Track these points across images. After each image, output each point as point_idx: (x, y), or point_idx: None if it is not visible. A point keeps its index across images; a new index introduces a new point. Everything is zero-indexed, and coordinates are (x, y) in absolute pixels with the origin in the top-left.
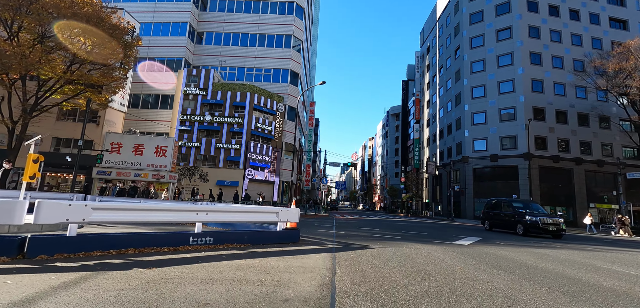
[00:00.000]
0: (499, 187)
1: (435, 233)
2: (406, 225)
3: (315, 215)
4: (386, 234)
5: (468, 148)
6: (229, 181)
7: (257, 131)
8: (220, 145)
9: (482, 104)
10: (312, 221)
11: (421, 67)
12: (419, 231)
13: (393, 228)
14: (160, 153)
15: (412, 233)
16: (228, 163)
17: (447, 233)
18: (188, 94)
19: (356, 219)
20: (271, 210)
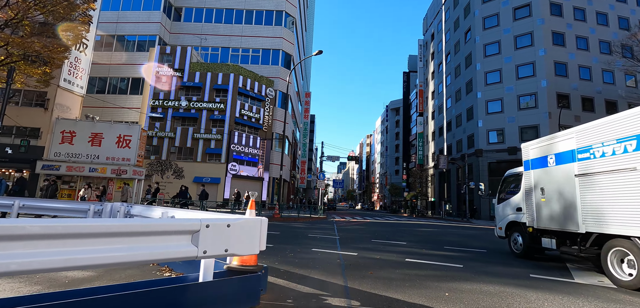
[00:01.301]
0: None
1: (498, 252)
2: (435, 231)
3: (311, 217)
4: (432, 256)
5: (482, 140)
6: (209, 178)
7: (242, 119)
8: (198, 135)
9: (498, 91)
10: (306, 227)
11: (425, 56)
12: (474, 248)
13: (426, 240)
14: (123, 143)
15: (470, 252)
16: (207, 157)
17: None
18: (161, 76)
19: (361, 222)
20: (181, 224)
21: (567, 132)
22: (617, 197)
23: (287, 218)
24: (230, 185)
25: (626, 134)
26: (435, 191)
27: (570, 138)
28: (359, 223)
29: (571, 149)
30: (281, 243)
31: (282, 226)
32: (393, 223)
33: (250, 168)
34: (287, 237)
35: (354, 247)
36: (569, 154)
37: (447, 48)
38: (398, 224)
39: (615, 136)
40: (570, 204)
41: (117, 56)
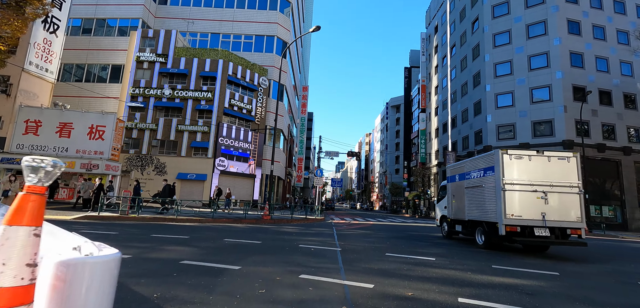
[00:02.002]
0: None
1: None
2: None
3: (306, 218)
4: (492, 286)
5: (491, 136)
6: (194, 174)
7: (232, 110)
8: (183, 127)
9: (509, 84)
10: (299, 232)
11: (428, 50)
12: (539, 268)
13: (457, 252)
14: (96, 134)
15: (542, 276)
16: (193, 151)
17: None
18: (142, 62)
19: (363, 225)
20: None
21: (461, 162)
22: (476, 200)
23: (279, 220)
24: (218, 182)
25: (479, 168)
26: (439, 190)
27: (463, 166)
28: (362, 226)
29: (463, 172)
30: (256, 261)
31: (269, 232)
32: (399, 225)
33: (241, 164)
34: (268, 249)
35: (365, 270)
36: (462, 175)
37: (452, 40)
38: (406, 227)
39: (475, 167)
40: (463, 204)
41: (96, 41)
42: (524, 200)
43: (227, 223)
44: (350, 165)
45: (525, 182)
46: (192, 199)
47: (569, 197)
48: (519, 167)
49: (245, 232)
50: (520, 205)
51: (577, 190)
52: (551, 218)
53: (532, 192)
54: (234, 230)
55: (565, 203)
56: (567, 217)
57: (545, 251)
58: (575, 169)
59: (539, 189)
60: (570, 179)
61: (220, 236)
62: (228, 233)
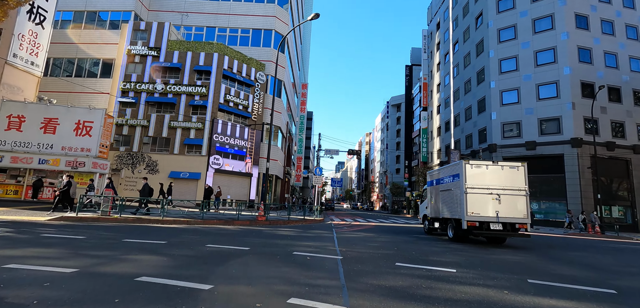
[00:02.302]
0: (539, 182)
1: None
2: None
3: (304, 219)
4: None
5: (496, 134)
6: (188, 173)
7: (227, 106)
8: (175, 123)
9: (514, 80)
10: (295, 235)
11: (429, 47)
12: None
13: (479, 262)
14: (83, 130)
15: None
16: (186, 148)
17: None
18: (133, 55)
19: (365, 227)
20: None
21: (437, 169)
22: (447, 201)
23: (274, 222)
24: (213, 181)
25: (450, 174)
26: None
27: (439, 172)
28: (363, 227)
29: (438, 178)
30: (235, 276)
31: (261, 235)
32: (403, 227)
33: (237, 162)
34: (256, 259)
35: (373, 289)
36: (438, 181)
37: (455, 36)
38: (410, 228)
39: (447, 174)
40: (438, 204)
41: (87, 35)
42: (482, 201)
43: (217, 225)
44: (350, 165)
45: (483, 186)
46: (183, 199)
47: (517, 198)
48: (478, 174)
49: (235, 236)
50: (479, 205)
51: (524, 193)
52: (503, 215)
53: (488, 194)
54: (222, 233)
55: (514, 203)
56: (516, 214)
57: (503, 243)
58: (523, 176)
59: (493, 192)
60: (518, 184)
61: (203, 241)
62: (215, 236)
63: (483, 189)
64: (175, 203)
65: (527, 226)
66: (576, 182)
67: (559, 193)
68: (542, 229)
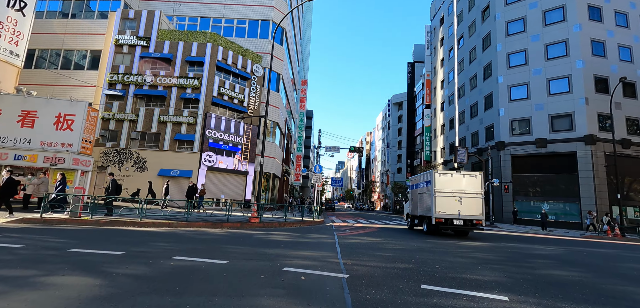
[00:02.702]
0: (550, 181)
1: None
2: (509, 249)
3: (302, 221)
4: None
5: (504, 130)
6: (178, 170)
7: (221, 100)
8: (166, 118)
9: (523, 75)
10: (289, 242)
11: (433, 43)
12: None
13: (532, 279)
14: (64, 124)
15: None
16: (177, 144)
17: None
18: (121, 45)
19: (371, 229)
20: None
21: (416, 175)
22: (422, 202)
23: (269, 224)
24: (206, 179)
25: (424, 180)
26: None
27: (417, 178)
28: (368, 229)
29: (417, 183)
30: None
31: (249, 241)
32: (412, 230)
33: (231, 159)
34: (228, 281)
35: None
36: (417, 185)
37: (460, 31)
38: (421, 231)
39: (423, 180)
40: (416, 204)
41: (74, 25)
42: (447, 202)
43: (201, 228)
44: (351, 164)
45: (448, 191)
46: (172, 199)
47: (475, 200)
48: (445, 181)
49: (216, 243)
50: (445, 205)
51: (480, 196)
52: (464, 213)
53: (452, 197)
54: (204, 239)
55: (472, 204)
56: (474, 213)
57: (466, 236)
58: (480, 183)
59: (456, 195)
60: (476, 189)
61: (172, 251)
62: (191, 244)
63: (448, 193)
64: (165, 203)
65: (482, 222)
66: (590, 181)
67: (571, 192)
68: (557, 231)
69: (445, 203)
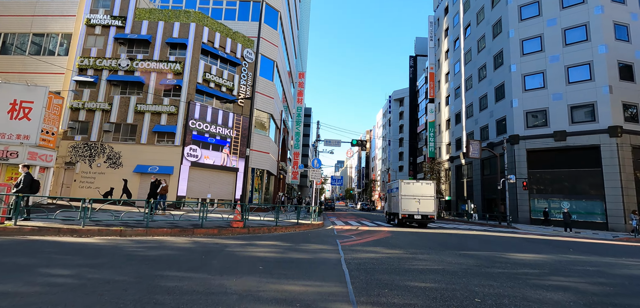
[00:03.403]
0: (571, 177)
1: None
2: (561, 260)
3: (298, 224)
4: None
5: (518, 123)
6: (157, 167)
7: (207, 87)
8: (143, 107)
9: (539, 62)
10: (271, 260)
11: (436, 35)
12: None
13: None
14: (20, 112)
15: None
16: (156, 137)
17: None
18: (93, 26)
19: (379, 233)
20: None
21: (392, 182)
22: (394, 202)
23: (256, 229)
24: (188, 176)
25: (395, 186)
26: (452, 188)
27: (392, 184)
28: (378, 235)
29: (391, 188)
30: None
31: (212, 263)
32: (426, 232)
33: (218, 154)
34: None
35: None
36: (391, 190)
37: (467, 19)
38: (437, 234)
39: (394, 186)
40: (391, 204)
41: (43, 6)
42: (410, 202)
43: (162, 237)
44: (350, 163)
45: (411, 194)
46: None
47: (429, 201)
48: (409, 187)
49: (155, 266)
50: (407, 205)
51: (433, 198)
52: (421, 211)
53: (413, 199)
54: (142, 259)
55: (428, 204)
56: (429, 210)
57: (425, 227)
58: (433, 188)
59: (416, 197)
60: (431, 193)
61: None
62: (110, 271)
63: (411, 196)
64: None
65: (434, 217)
66: (616, 177)
67: (594, 190)
68: (584, 233)
69: (408, 203)
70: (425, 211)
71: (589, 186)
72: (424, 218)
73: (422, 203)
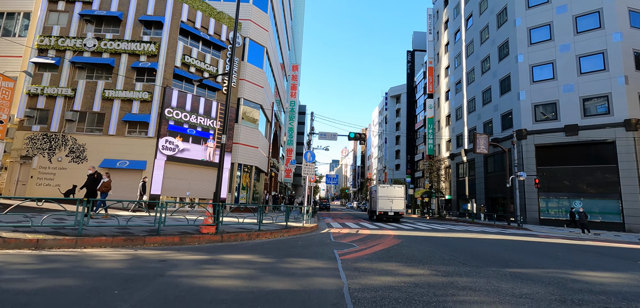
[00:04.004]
0: (583, 174)
1: None
2: None
3: (287, 228)
4: None
5: (525, 117)
6: (128, 161)
7: (186, 72)
8: (112, 93)
9: (548, 52)
10: (237, 293)
11: (435, 27)
12: None
13: None
14: None
15: None
16: (127, 127)
17: None
18: (56, 1)
19: (387, 239)
20: None
21: (373, 186)
22: (373, 201)
23: (232, 235)
24: (164, 172)
25: (374, 188)
26: (453, 186)
27: (371, 187)
28: (385, 242)
29: (370, 190)
30: None
31: (144, 293)
32: (445, 237)
33: (199, 148)
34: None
35: None
36: (370, 191)
37: (469, 9)
38: (458, 239)
39: (373, 189)
40: (370, 203)
41: None
42: (385, 202)
43: (94, 249)
44: (345, 162)
45: (385, 195)
46: (122, 200)
47: (400, 201)
48: (384, 189)
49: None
50: (383, 204)
51: (403, 198)
52: (394, 208)
53: (387, 199)
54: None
55: (399, 203)
56: (400, 208)
57: (398, 221)
58: (403, 190)
59: (390, 198)
60: (401, 194)
61: None
62: None
63: (385, 196)
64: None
65: (403, 213)
66: (633, 174)
67: (609, 187)
68: (605, 234)
69: (384, 202)
70: (397, 209)
71: (603, 183)
72: (396, 214)
73: (394, 202)
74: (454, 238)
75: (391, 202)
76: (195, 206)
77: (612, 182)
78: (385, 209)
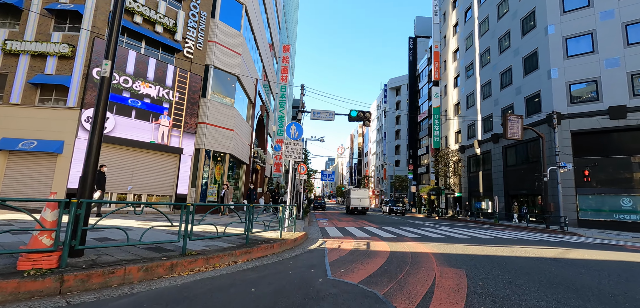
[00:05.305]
0: (628, 166)
1: None
2: None
3: (247, 248)
4: None
5: (558, 99)
6: (36, 141)
7: (129, 22)
8: (17, 45)
9: (586, 21)
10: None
11: (442, 8)
12: None
13: None
14: None
15: None
16: (38, 93)
17: None
18: None
19: (424, 268)
20: None
21: (349, 187)
22: (348, 199)
23: (101, 274)
24: (99, 158)
25: (347, 191)
26: (465, 183)
27: (348, 189)
28: (430, 270)
29: (346, 190)
30: None
31: None
32: (515, 258)
33: (148, 125)
34: None
35: None
36: (346, 191)
37: None
38: (543, 265)
39: (346, 191)
40: (347, 200)
41: None
42: (355, 200)
43: None
44: (341, 160)
45: (355, 195)
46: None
47: (365, 200)
48: (355, 190)
49: None
50: (355, 201)
51: (367, 198)
52: (361, 205)
53: (357, 198)
54: None
55: (365, 201)
56: (365, 205)
57: (364, 214)
58: (368, 192)
59: (358, 197)
60: (366, 195)
61: None
62: None
63: (356, 197)
64: None
65: (368, 208)
66: None
67: None
68: None
69: (355, 200)
70: (363, 206)
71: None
72: (363, 209)
73: (361, 201)
74: (513, 257)
75: (359, 201)
76: (142, 207)
77: None
78: (355, 205)
